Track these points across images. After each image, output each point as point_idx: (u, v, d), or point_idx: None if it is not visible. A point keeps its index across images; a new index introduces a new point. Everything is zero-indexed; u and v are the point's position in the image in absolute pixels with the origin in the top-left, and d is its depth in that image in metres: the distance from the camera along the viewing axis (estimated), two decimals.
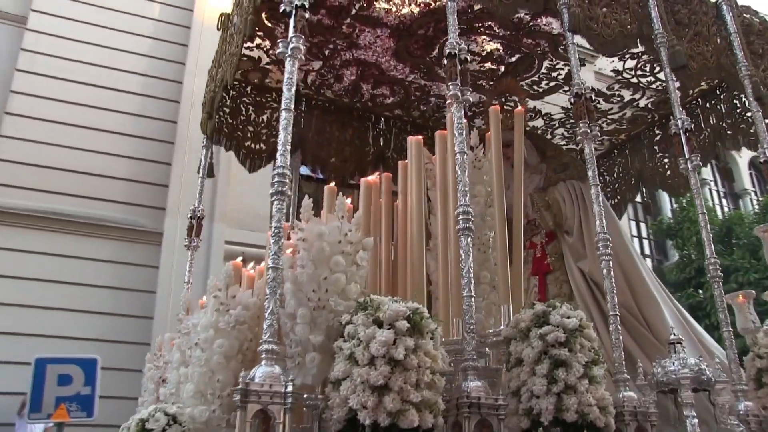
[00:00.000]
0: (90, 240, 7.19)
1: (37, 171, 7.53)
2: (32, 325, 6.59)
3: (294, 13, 2.49)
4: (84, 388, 4.05)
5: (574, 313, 2.37)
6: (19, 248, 7.06)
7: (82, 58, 8.12)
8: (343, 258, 2.16)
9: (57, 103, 7.84)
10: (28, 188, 7.45)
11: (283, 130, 2.28)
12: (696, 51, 3.87)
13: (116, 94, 8.14)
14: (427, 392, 1.92)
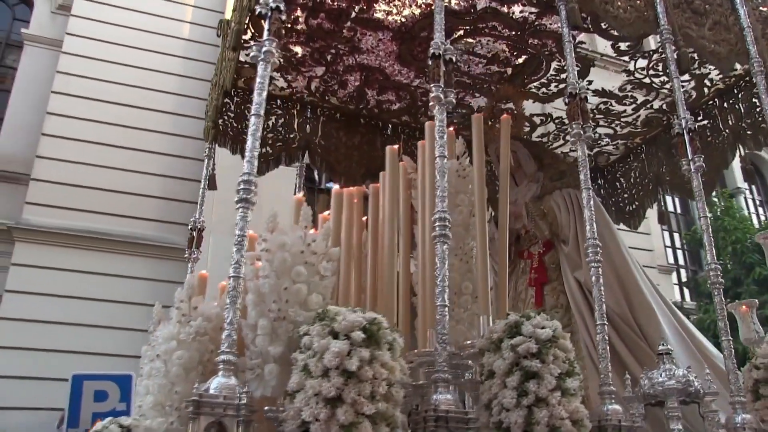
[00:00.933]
0: (125, 258, 7.43)
1: (72, 190, 7.83)
2: (69, 341, 6.84)
3: (269, 16, 2.48)
4: (119, 404, 4.10)
5: (549, 324, 2.28)
6: (56, 266, 7.35)
7: (115, 79, 8.40)
8: (306, 268, 2.13)
9: (91, 124, 8.14)
10: (64, 207, 7.76)
11: (251, 136, 2.27)
12: (720, 37, 3.72)
13: (149, 113, 8.40)
14: (383, 404, 1.87)
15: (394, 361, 1.96)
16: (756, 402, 2.82)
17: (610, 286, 3.63)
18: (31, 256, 7.36)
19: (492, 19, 4.14)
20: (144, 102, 8.28)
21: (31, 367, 6.66)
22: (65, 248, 7.47)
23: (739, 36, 3.69)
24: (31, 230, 7.69)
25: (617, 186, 5.65)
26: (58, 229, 7.56)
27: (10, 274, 7.45)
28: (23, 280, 7.19)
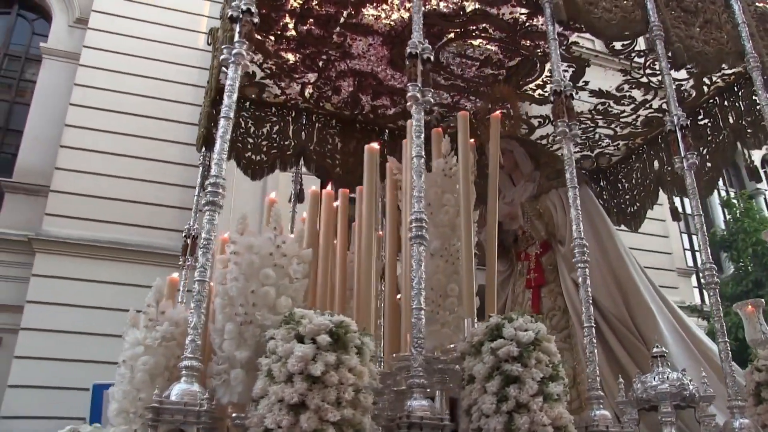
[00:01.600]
0: (144, 267, 7.46)
1: (91, 201, 7.92)
2: (90, 351, 6.87)
3: (240, 19, 2.45)
4: None
5: (533, 326, 2.20)
6: (76, 277, 7.42)
7: (132, 90, 8.50)
8: (275, 271, 2.07)
9: (109, 135, 8.24)
10: (83, 218, 7.86)
11: (219, 139, 2.23)
12: (710, 36, 3.63)
13: (166, 123, 8.47)
14: (350, 411, 1.80)
15: (363, 366, 1.89)
16: (758, 406, 2.70)
17: (607, 287, 3.54)
18: (52, 266, 7.45)
19: (482, 21, 4.09)
20: (161, 113, 8.36)
21: (52, 376, 6.73)
22: (85, 258, 7.55)
23: (732, 34, 3.59)
24: (51, 241, 7.81)
25: (619, 187, 5.55)
26: (78, 240, 7.67)
27: (31, 285, 7.58)
28: (44, 291, 7.28)
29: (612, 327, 3.44)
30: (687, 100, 4.72)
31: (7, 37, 10.08)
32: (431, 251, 2.84)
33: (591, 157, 5.58)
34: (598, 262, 3.61)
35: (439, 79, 4.65)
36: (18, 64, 9.97)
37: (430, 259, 2.82)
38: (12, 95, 9.81)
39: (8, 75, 9.92)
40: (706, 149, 4.71)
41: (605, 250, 3.65)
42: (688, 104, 4.76)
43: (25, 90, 9.57)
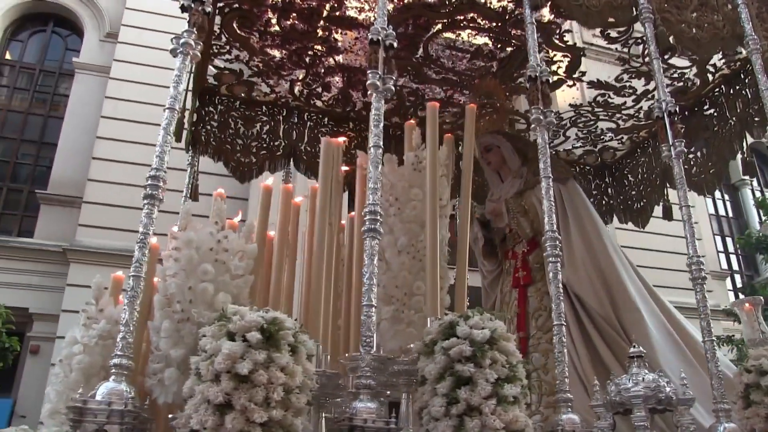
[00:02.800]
0: None
1: (123, 212, 8.09)
2: None
3: (190, 8, 2.37)
4: None
5: (491, 324, 2.07)
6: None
7: (161, 102, 8.67)
8: (215, 266, 1.99)
9: (139, 146, 8.36)
10: (115, 229, 8.00)
11: (163, 130, 2.16)
12: (705, 20, 3.44)
13: None
14: (279, 412, 1.69)
15: (297, 365, 1.79)
16: (747, 409, 2.51)
17: (593, 286, 3.37)
18: (86, 276, 7.57)
19: (469, 11, 3.96)
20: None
21: None
22: (118, 268, 7.69)
23: (730, 17, 3.39)
24: (85, 251, 8.08)
25: (625, 183, 5.35)
26: (111, 250, 7.87)
27: (66, 295, 7.82)
28: (79, 300, 7.39)
29: (598, 327, 3.27)
30: (691, 89, 4.52)
31: (42, 53, 10.53)
32: (398, 247, 2.74)
33: (595, 152, 5.39)
34: (584, 260, 3.44)
35: (430, 73, 4.54)
36: (52, 79, 10.39)
37: (396, 256, 2.71)
38: (47, 109, 10.24)
39: (43, 90, 10.35)
40: (713, 140, 4.50)
41: (592, 248, 3.48)
42: (693, 94, 4.56)
43: (59, 104, 9.97)
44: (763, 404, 2.44)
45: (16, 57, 10.43)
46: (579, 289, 3.35)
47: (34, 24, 10.52)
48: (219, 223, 2.09)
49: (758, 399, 2.47)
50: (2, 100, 10.10)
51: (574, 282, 3.36)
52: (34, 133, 9.98)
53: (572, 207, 3.64)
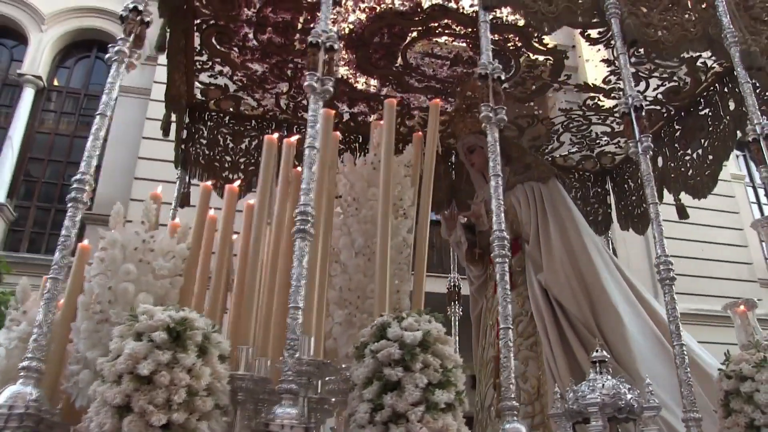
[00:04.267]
0: None
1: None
2: None
3: (127, 18, 2.38)
4: None
5: (427, 326, 1.97)
6: None
7: None
8: (139, 266, 1.95)
9: None
10: None
11: (92, 135, 2.14)
12: (673, 20, 3.31)
13: None
14: (181, 415, 1.63)
15: (206, 367, 1.72)
16: (727, 418, 2.33)
17: (572, 289, 3.21)
18: None
19: (442, 17, 3.91)
20: None
21: None
22: None
23: (702, 15, 3.25)
24: None
25: (625, 188, 5.19)
26: None
27: None
28: None
29: (577, 332, 3.10)
30: (684, 89, 4.37)
31: (87, 78, 11.00)
32: (355, 249, 2.67)
33: (593, 157, 5.24)
34: (563, 262, 3.30)
35: (412, 82, 4.49)
36: (96, 102, 10.76)
37: (353, 258, 2.65)
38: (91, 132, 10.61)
39: (87, 113, 10.75)
40: (707, 141, 4.32)
41: (572, 249, 3.33)
42: (687, 94, 4.41)
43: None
44: (743, 413, 2.26)
45: (63, 83, 10.94)
46: (558, 292, 3.21)
47: (79, 50, 11.04)
48: (146, 223, 2.05)
49: (738, 407, 2.29)
50: (50, 124, 10.59)
51: (553, 285, 3.22)
52: (79, 155, 10.34)
53: (552, 207, 3.52)
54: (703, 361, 3.06)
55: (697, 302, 8.88)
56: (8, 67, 10.69)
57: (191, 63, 4.20)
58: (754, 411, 2.22)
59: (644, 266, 10.97)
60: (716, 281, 9.38)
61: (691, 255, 9.46)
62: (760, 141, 2.93)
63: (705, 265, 9.70)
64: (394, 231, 2.67)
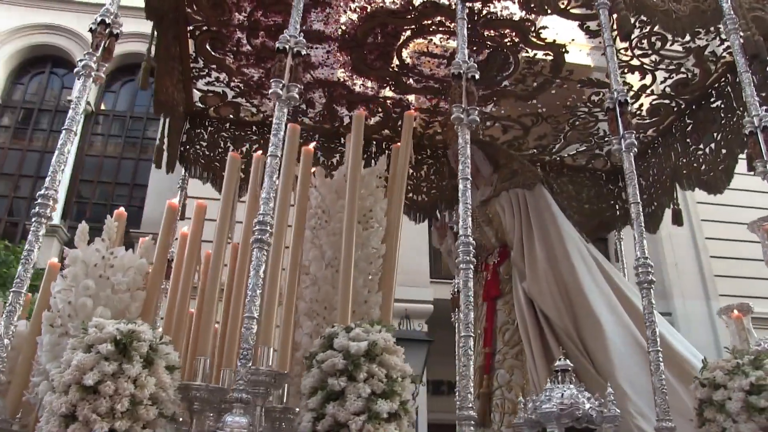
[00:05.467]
0: None
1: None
2: None
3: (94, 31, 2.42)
4: None
5: (375, 336, 1.95)
6: None
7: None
8: (98, 282, 2.00)
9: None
10: None
11: (57, 150, 2.20)
12: None
13: None
14: (124, 423, 1.66)
15: (151, 377, 1.75)
16: (701, 427, 2.23)
17: (552, 296, 3.12)
18: None
19: (435, 15, 3.85)
20: None
21: None
22: None
23: None
24: None
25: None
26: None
27: None
28: None
29: (560, 342, 3.01)
30: (693, 81, 4.19)
31: (132, 101, 11.55)
32: (326, 261, 2.67)
33: (602, 156, 5.09)
34: (546, 269, 3.20)
35: (410, 82, 4.44)
36: (141, 123, 11.29)
37: (322, 270, 2.64)
38: (137, 153, 11.12)
39: (132, 135, 11.20)
40: (720, 134, 4.14)
41: (554, 256, 3.23)
42: (697, 86, 4.23)
43: (147, 147, 10.78)
44: (716, 422, 2.16)
45: (109, 107, 11.52)
46: (540, 300, 3.12)
47: (124, 75, 11.55)
48: (106, 240, 2.10)
49: (711, 416, 2.19)
50: (98, 147, 11.09)
51: (535, 293, 3.14)
52: (126, 176, 10.83)
53: (537, 213, 3.43)
54: (692, 366, 2.92)
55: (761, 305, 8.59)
56: (60, 94, 11.22)
57: (188, 70, 4.26)
58: (726, 420, 2.11)
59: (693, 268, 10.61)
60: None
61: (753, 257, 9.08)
62: (758, 134, 2.78)
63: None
64: (364, 241, 2.65)
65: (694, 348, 3.12)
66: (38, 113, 11.32)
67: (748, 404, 2.07)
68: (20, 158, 10.90)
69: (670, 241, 10.81)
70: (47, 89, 11.50)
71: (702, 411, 2.22)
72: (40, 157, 10.99)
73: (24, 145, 11.11)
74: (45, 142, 11.08)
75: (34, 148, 11.07)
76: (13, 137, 11.14)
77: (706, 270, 10.67)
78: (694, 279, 10.74)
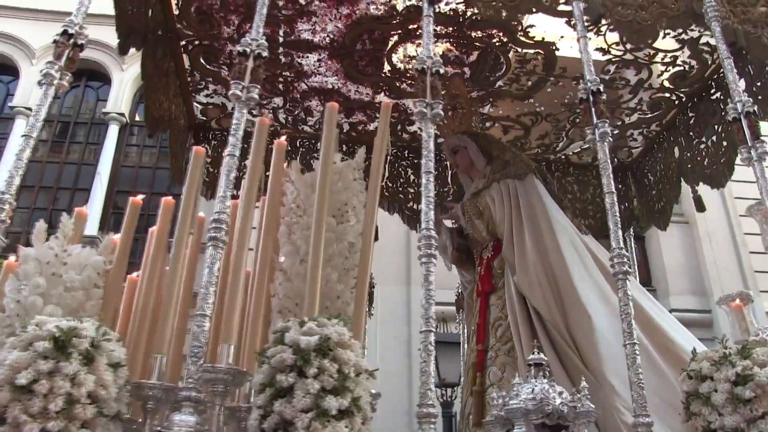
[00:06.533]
0: None
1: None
2: None
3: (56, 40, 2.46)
4: None
5: (329, 330, 1.90)
6: None
7: None
8: (50, 280, 2.01)
9: None
10: None
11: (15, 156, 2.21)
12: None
13: None
14: (58, 423, 1.65)
15: (91, 374, 1.74)
16: (687, 422, 2.11)
17: (541, 288, 3.01)
18: None
19: (419, 18, 3.77)
20: None
21: None
22: None
23: None
24: None
25: (645, 183, 4.89)
26: None
27: None
28: None
29: (549, 335, 2.90)
30: (691, 74, 4.07)
31: None
32: (300, 256, 2.64)
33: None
34: (535, 262, 3.10)
35: (404, 87, 4.43)
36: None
37: (295, 265, 2.61)
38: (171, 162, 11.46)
39: (166, 144, 11.46)
40: (721, 126, 4.00)
41: (544, 248, 3.12)
42: (696, 78, 4.11)
43: None
44: (701, 416, 2.04)
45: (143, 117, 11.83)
46: (529, 293, 3.02)
47: None
48: (60, 238, 2.12)
49: (697, 410, 2.07)
50: (133, 158, 11.37)
51: (525, 286, 3.04)
52: (162, 185, 11.11)
53: (527, 205, 3.33)
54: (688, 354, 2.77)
55: None
56: (95, 107, 11.57)
57: (185, 84, 4.34)
58: (711, 413, 1.99)
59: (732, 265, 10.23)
60: None
61: None
62: (741, 120, 2.67)
63: None
64: (339, 236, 2.62)
65: (699, 342, 2.96)
66: (74, 126, 11.63)
67: (733, 396, 1.95)
68: (58, 171, 11.22)
69: (708, 239, 10.48)
70: (83, 102, 11.79)
71: (689, 404, 2.10)
72: (77, 170, 11.27)
73: (61, 158, 11.45)
74: (81, 155, 11.37)
75: (70, 160, 11.38)
76: (51, 150, 11.49)
77: (746, 266, 10.28)
78: (734, 276, 10.35)
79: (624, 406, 2.54)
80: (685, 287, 10.28)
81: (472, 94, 4.39)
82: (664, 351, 2.80)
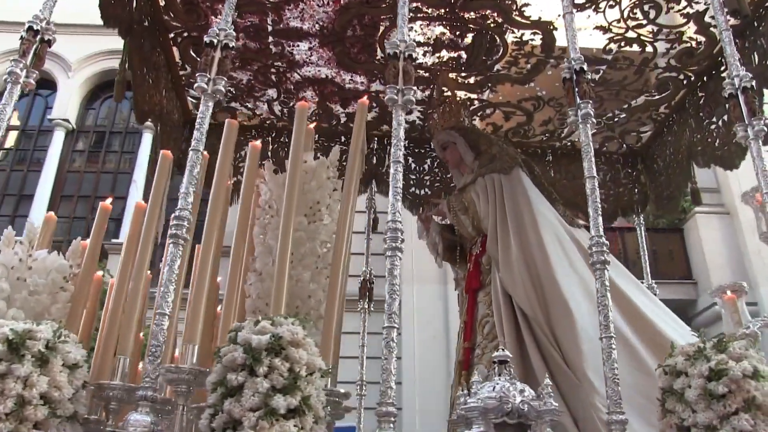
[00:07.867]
0: None
1: None
2: None
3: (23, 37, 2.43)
4: None
5: (282, 329, 1.85)
6: None
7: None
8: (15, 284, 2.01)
9: None
10: None
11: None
12: None
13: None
14: (8, 424, 1.64)
15: (45, 376, 1.73)
16: (662, 420, 2.00)
17: (523, 284, 2.90)
18: None
19: (412, 1, 3.72)
20: None
21: None
22: None
23: None
24: None
25: (655, 169, 4.71)
26: None
27: None
28: None
29: (534, 333, 2.79)
30: (698, 51, 3.87)
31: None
32: (273, 256, 2.59)
33: (615, 138, 4.78)
34: (518, 258, 2.98)
35: None
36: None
37: (268, 265, 2.57)
38: None
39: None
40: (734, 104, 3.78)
41: (528, 244, 3.00)
42: (704, 55, 3.90)
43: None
44: (676, 413, 1.93)
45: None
46: (512, 290, 2.91)
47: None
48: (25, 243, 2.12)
49: (671, 407, 1.95)
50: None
51: (508, 283, 2.93)
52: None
53: (512, 199, 3.21)
54: None
55: None
56: (129, 116, 11.77)
57: (177, 78, 4.32)
58: (684, 410, 1.87)
59: None
60: None
61: None
62: (738, 95, 2.51)
63: None
64: (311, 235, 2.57)
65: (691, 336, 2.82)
66: (109, 136, 11.84)
67: (706, 391, 1.83)
68: (95, 181, 11.41)
69: (750, 228, 10.08)
70: (116, 112, 12.02)
71: (664, 401, 1.99)
72: (113, 179, 11.46)
73: (98, 167, 11.66)
74: (117, 164, 11.58)
75: (107, 170, 11.58)
76: (88, 160, 11.69)
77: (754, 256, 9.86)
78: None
79: (603, 403, 2.43)
80: (728, 280, 9.88)
81: (470, 80, 4.27)
82: (655, 347, 2.67)
